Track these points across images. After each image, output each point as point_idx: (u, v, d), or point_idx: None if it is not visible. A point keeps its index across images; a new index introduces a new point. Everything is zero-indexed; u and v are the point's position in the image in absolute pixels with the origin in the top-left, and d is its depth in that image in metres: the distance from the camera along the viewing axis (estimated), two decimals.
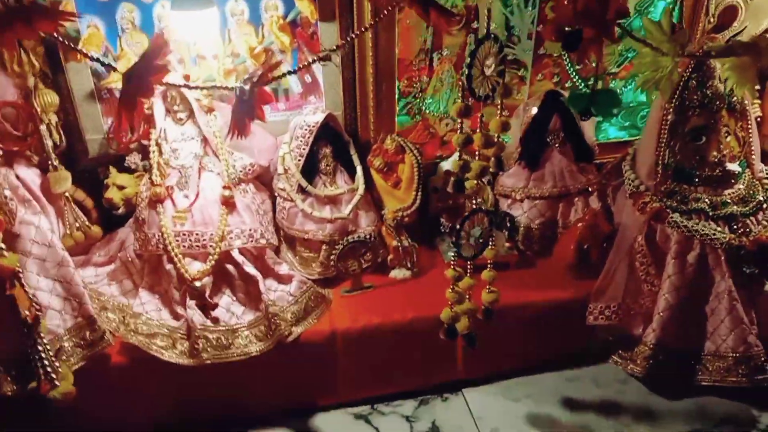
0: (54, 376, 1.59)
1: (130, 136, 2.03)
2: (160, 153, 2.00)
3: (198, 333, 1.84)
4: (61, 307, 1.80)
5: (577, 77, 2.39)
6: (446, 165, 2.31)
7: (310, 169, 2.13)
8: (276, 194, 2.16)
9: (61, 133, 1.94)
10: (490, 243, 1.68)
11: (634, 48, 2.34)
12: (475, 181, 1.60)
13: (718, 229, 2.00)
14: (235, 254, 1.96)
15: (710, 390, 2.00)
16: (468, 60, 1.42)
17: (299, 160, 2.10)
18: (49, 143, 1.88)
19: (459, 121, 1.53)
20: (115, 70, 1.32)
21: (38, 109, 1.86)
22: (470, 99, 1.49)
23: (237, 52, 2.06)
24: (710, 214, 2.03)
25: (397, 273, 2.20)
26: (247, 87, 1.34)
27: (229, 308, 1.94)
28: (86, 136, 2.08)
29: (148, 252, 1.95)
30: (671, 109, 2.04)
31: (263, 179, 2.19)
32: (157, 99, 1.99)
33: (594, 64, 2.17)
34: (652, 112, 2.15)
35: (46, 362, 1.60)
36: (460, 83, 1.47)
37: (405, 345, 2.03)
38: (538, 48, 2.31)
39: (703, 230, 1.99)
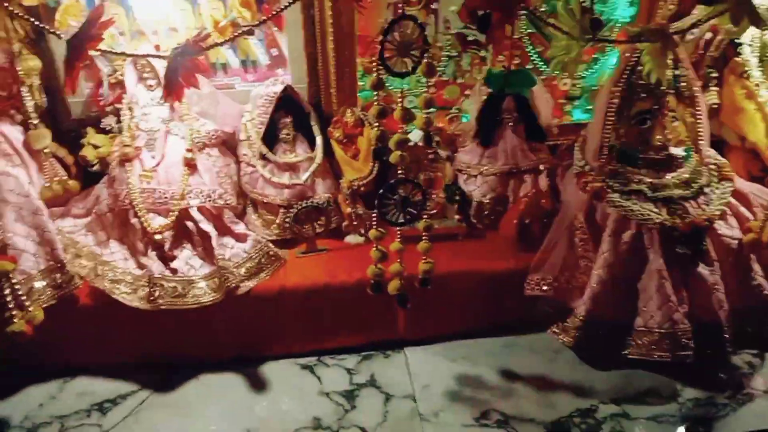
0: (13, 314, 1.80)
1: (105, 99, 2.22)
2: (131, 116, 2.18)
3: (156, 281, 2.03)
4: (35, 251, 2.00)
5: (538, 58, 2.48)
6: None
7: (271, 137, 2.29)
8: (240, 159, 2.33)
9: (43, 94, 2.14)
10: (423, 214, 1.80)
11: None
12: (399, 153, 1.72)
13: (654, 210, 2.08)
14: (194, 212, 2.13)
15: (637, 363, 2.10)
16: (381, 38, 1.54)
17: (260, 128, 2.26)
18: (30, 104, 2.07)
19: (376, 94, 1.64)
20: (60, 37, 1.48)
21: (21, 72, 2.05)
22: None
23: (205, 26, 2.22)
24: (649, 195, 2.11)
25: (351, 239, 2.35)
26: (178, 57, 1.49)
27: (188, 261, 2.12)
28: (68, 99, 2.28)
29: (118, 206, 2.14)
30: (617, 93, 2.12)
31: (229, 145, 2.36)
32: (129, 66, 2.17)
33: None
34: (600, 95, 2.23)
35: (8, 300, 1.83)
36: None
37: (349, 304, 2.17)
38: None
39: (638, 210, 2.08)
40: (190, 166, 2.15)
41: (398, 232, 1.83)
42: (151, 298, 2.01)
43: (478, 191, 2.41)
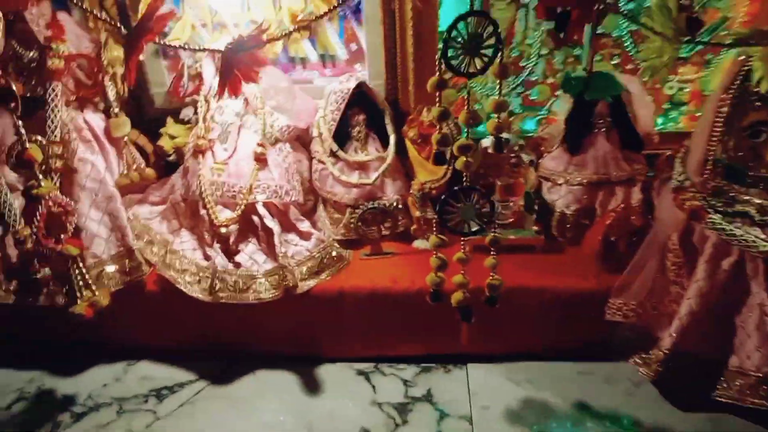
0: (78, 294, 1.86)
1: (185, 90, 2.24)
2: (208, 108, 2.19)
3: (218, 274, 2.02)
4: (107, 236, 2.07)
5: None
6: (486, 142, 2.29)
7: (342, 135, 2.23)
8: (312, 156, 2.28)
9: (125, 84, 2.19)
10: (490, 227, 1.68)
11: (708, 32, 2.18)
12: (464, 158, 1.60)
13: (761, 237, 1.81)
14: (259, 207, 2.11)
15: (728, 407, 1.85)
16: (445, 35, 1.43)
17: (331, 125, 2.20)
18: (112, 92, 2.13)
19: (438, 94, 1.53)
20: (119, 29, 1.48)
21: (105, 62, 2.12)
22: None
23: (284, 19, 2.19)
24: (757, 219, 1.84)
25: (420, 243, 2.24)
26: (231, 52, 1.45)
27: (252, 256, 2.10)
28: (152, 89, 2.33)
29: (189, 197, 2.16)
30: (728, 101, 1.87)
31: (303, 141, 2.32)
32: (207, 58, 2.17)
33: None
34: (708, 102, 1.98)
35: (77, 281, 1.90)
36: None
37: (411, 311, 2.07)
38: (596, 26, 2.19)
39: (742, 236, 1.82)
40: (260, 160, 2.13)
41: (462, 242, 1.73)
42: (213, 291, 2.01)
43: (562, 201, 2.22)
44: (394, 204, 2.20)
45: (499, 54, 1.52)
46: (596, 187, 2.19)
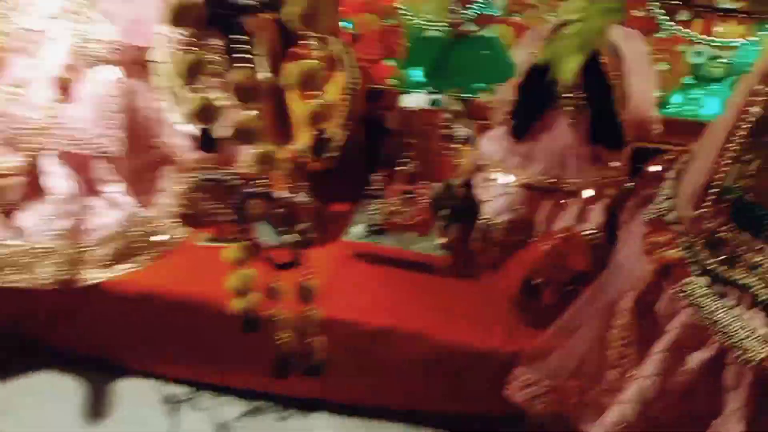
0: None
1: None
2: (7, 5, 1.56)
3: None
4: None
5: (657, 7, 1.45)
6: (409, 99, 1.58)
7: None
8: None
9: None
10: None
11: None
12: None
13: (762, 331, 1.09)
14: (48, 158, 1.51)
15: None
16: None
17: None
18: None
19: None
20: None
21: None
22: None
23: None
24: (760, 298, 1.11)
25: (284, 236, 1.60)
26: None
27: (45, 220, 1.53)
28: None
29: None
30: (762, 97, 1.10)
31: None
32: None
33: None
34: (732, 96, 1.20)
35: None
36: None
37: (234, 329, 1.47)
38: None
39: (728, 324, 1.10)
40: (64, 89, 1.51)
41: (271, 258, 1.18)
42: None
43: (491, 205, 1.51)
44: (239, 176, 1.56)
45: None
46: (541, 194, 1.47)
